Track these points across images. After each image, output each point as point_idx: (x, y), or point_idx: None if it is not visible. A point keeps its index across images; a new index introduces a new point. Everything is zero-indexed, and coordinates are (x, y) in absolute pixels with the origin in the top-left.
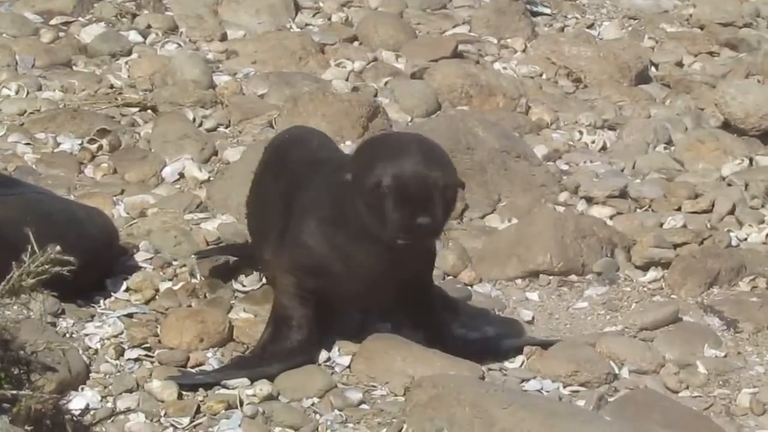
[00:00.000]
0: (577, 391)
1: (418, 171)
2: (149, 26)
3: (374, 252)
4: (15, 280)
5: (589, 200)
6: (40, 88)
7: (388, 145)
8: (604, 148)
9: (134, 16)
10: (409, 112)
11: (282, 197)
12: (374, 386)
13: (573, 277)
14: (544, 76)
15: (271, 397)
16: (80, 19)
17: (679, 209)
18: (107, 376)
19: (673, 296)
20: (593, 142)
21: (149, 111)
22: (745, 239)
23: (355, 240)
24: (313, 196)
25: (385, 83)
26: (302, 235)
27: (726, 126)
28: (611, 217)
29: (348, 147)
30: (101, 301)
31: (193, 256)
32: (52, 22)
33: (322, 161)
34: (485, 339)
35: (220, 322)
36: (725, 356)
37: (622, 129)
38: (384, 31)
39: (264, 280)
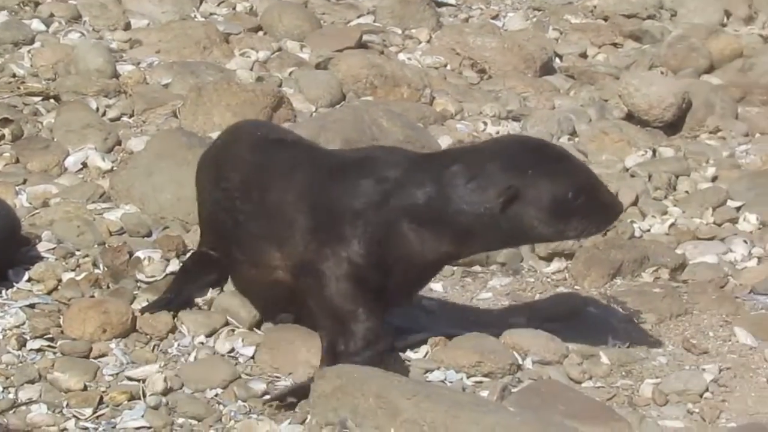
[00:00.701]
0: (481, 382)
1: (586, 169)
2: (52, 15)
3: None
4: None
5: None
6: None
7: (527, 147)
8: None
9: (37, 4)
10: (314, 102)
11: (304, 194)
12: (278, 377)
13: (477, 268)
14: (448, 67)
15: (173, 389)
16: None
17: None
18: (9, 367)
19: (576, 287)
20: (498, 132)
21: (52, 100)
22: (648, 230)
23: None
24: (371, 186)
25: (290, 73)
26: (381, 235)
27: (630, 117)
28: None
29: None
30: (3, 292)
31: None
32: None
33: (352, 159)
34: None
35: (123, 313)
36: (628, 347)
37: (527, 120)
38: (289, 21)
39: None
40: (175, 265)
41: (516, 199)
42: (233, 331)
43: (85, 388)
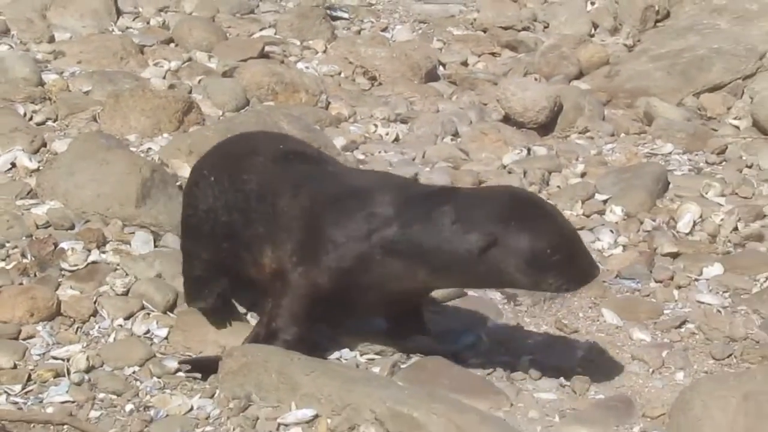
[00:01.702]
0: (373, 359)
1: (571, 230)
2: None
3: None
4: None
5: None
6: None
7: (517, 203)
8: (397, 139)
9: None
10: (221, 107)
11: (305, 211)
12: (190, 355)
13: None
14: (342, 75)
15: (95, 367)
16: None
17: None
18: None
19: None
20: (387, 134)
21: None
22: None
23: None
24: (359, 222)
25: (199, 81)
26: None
27: (507, 119)
28: None
29: (166, 139)
30: None
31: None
32: None
33: (351, 182)
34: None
35: (48, 298)
36: (506, 326)
37: (413, 122)
38: (198, 34)
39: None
40: (96, 255)
41: (494, 246)
42: (149, 314)
43: (15, 367)
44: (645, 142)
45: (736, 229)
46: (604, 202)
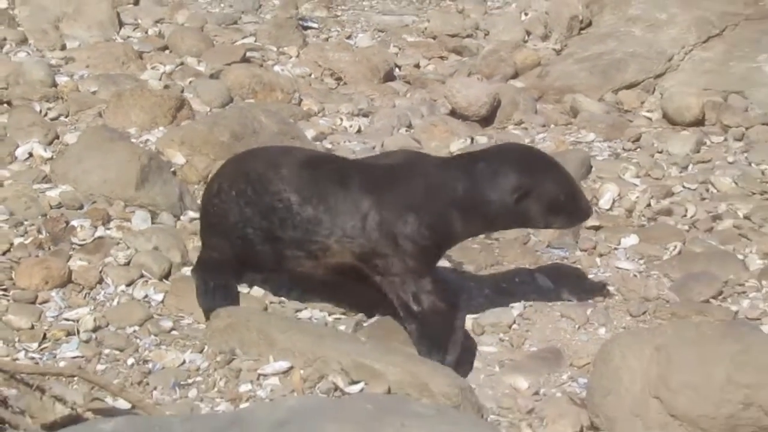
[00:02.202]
0: (339, 319)
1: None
2: (5, 38)
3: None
4: None
5: None
6: None
7: (525, 155)
8: (359, 131)
9: None
10: (209, 104)
11: (365, 197)
12: (182, 316)
13: None
14: (313, 76)
15: (101, 327)
16: None
17: None
18: None
19: None
20: (351, 126)
21: (5, 105)
22: None
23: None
24: (420, 187)
25: (190, 82)
26: (432, 215)
27: (453, 113)
28: None
29: (161, 132)
30: None
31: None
32: None
33: (390, 165)
34: None
35: (61, 268)
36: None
37: (374, 116)
38: (189, 42)
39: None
40: (101, 231)
41: (526, 197)
42: (147, 281)
43: (32, 327)
44: (571, 132)
45: (649, 205)
46: None
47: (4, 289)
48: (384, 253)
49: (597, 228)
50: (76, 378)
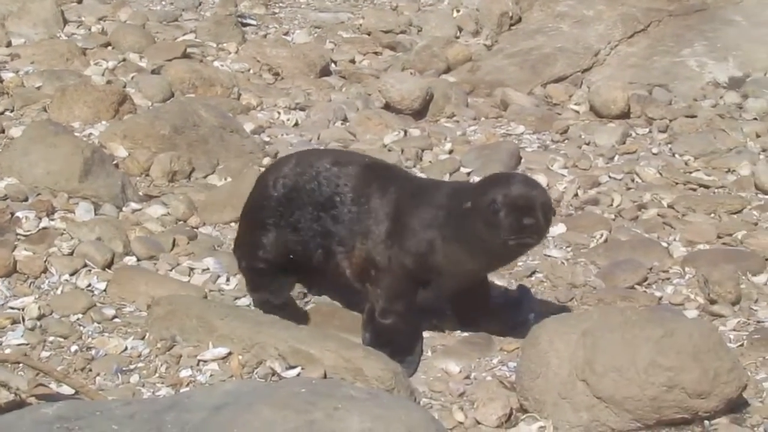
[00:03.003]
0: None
1: (522, 189)
2: None
3: (479, 258)
4: None
5: None
6: None
7: (498, 177)
8: (296, 124)
9: None
10: (150, 99)
11: (393, 206)
12: (124, 304)
13: None
14: (251, 71)
15: (45, 315)
16: None
17: None
18: None
19: None
20: (288, 119)
21: None
22: None
23: (466, 249)
24: (428, 214)
25: (132, 77)
26: (423, 243)
27: (387, 107)
28: None
29: (104, 126)
30: None
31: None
32: None
33: (425, 186)
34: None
35: (6, 258)
36: None
37: (310, 110)
38: (131, 39)
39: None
40: (46, 222)
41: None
42: (90, 270)
43: None
44: (501, 125)
45: (576, 195)
46: (468, 174)
47: None
48: (379, 265)
49: None
50: (20, 364)
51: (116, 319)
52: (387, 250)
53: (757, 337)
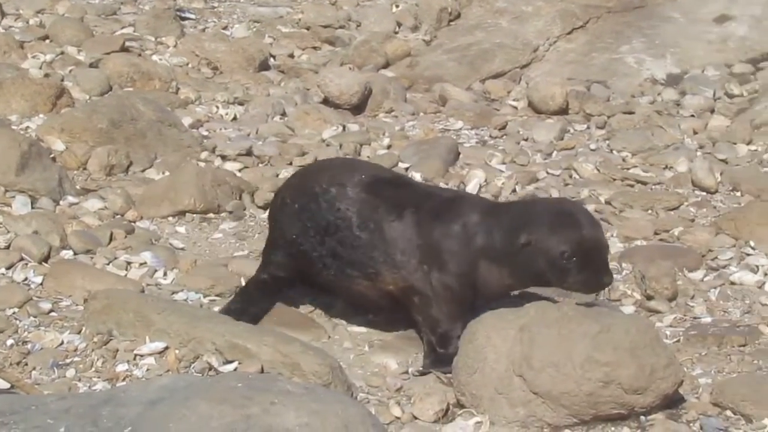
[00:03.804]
0: (214, 300)
1: (594, 236)
2: None
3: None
4: None
5: (224, 157)
6: None
7: (562, 216)
8: (235, 118)
9: None
10: (88, 93)
11: (414, 231)
12: (61, 298)
13: (211, 215)
14: (190, 65)
15: None
16: None
17: (290, 164)
18: None
19: None
20: (227, 114)
21: None
22: None
23: (514, 276)
24: (461, 231)
25: (70, 71)
26: (464, 263)
27: (326, 102)
28: (240, 170)
29: (41, 119)
30: None
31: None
32: None
33: (444, 200)
34: None
35: None
36: None
37: (249, 104)
38: (69, 32)
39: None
40: None
41: (529, 246)
42: (26, 264)
43: None
44: (440, 120)
45: (514, 190)
46: (406, 169)
47: None
48: (422, 291)
49: None
50: None
51: (53, 313)
52: (426, 276)
53: (694, 333)
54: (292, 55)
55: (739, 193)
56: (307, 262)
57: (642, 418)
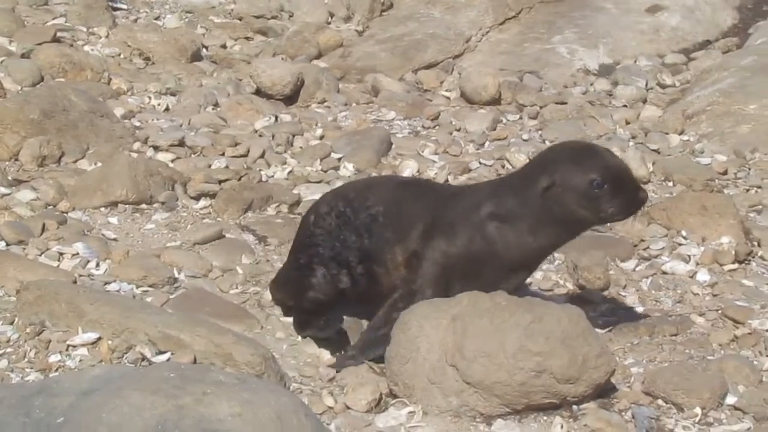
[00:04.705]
0: (147, 291)
1: (616, 160)
2: None
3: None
4: None
5: (156, 148)
6: None
7: (578, 151)
8: (167, 109)
9: None
10: (20, 83)
11: (426, 207)
12: None
13: (143, 206)
14: (122, 56)
15: None
16: None
17: (223, 154)
18: None
19: (218, 219)
20: (159, 104)
21: None
22: (273, 176)
23: (531, 230)
24: (470, 205)
25: (1, 62)
26: (467, 230)
27: (258, 92)
28: (172, 161)
29: None
30: None
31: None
32: None
33: (460, 189)
34: None
35: None
36: (257, 263)
37: (181, 95)
38: (0, 22)
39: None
40: None
41: (553, 187)
42: None
43: None
44: (372, 111)
45: (447, 181)
46: (339, 159)
47: None
48: (421, 254)
49: None
50: None
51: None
52: (428, 241)
53: (625, 323)
54: (224, 46)
55: (671, 183)
56: (344, 275)
57: (574, 407)
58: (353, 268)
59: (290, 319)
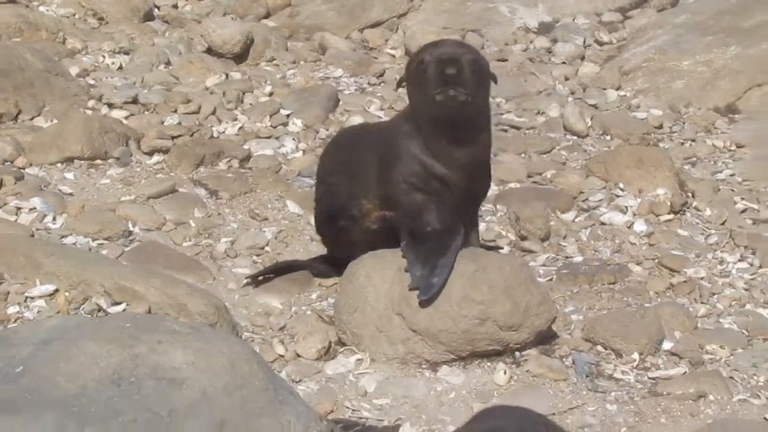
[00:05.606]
0: (102, 244)
1: (449, 48)
2: None
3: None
4: None
5: (110, 105)
6: None
7: (428, 43)
8: (121, 67)
9: None
10: None
11: (375, 155)
12: None
13: (98, 162)
14: (76, 16)
15: None
16: None
17: (175, 111)
18: None
19: (171, 174)
20: (113, 63)
21: None
22: (224, 132)
23: (434, 137)
24: (394, 137)
25: None
26: (404, 156)
27: (209, 51)
28: (126, 118)
29: None
30: None
31: (246, 280)
32: None
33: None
34: None
35: None
36: (209, 216)
37: (134, 54)
38: None
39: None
40: None
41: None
42: None
43: None
44: (320, 68)
45: None
46: (288, 116)
47: None
48: (390, 197)
49: None
50: None
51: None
52: (387, 182)
53: (566, 272)
54: (176, 6)
55: (608, 137)
56: (354, 224)
57: (517, 353)
58: (357, 218)
59: (243, 270)
